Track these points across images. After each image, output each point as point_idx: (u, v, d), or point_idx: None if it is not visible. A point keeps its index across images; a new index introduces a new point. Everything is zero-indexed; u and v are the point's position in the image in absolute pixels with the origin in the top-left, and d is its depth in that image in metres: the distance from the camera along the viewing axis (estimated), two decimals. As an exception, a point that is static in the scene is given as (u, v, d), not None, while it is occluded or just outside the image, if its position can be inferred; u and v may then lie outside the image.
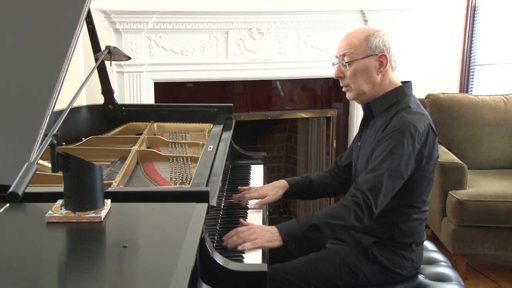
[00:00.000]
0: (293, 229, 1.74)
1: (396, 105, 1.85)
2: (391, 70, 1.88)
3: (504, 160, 3.38)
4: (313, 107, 3.68)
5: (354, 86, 1.88)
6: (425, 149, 1.79)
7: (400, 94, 1.88)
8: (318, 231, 1.73)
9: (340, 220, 1.72)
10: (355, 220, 1.72)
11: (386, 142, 1.77)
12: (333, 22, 3.35)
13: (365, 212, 1.72)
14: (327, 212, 1.77)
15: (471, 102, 3.42)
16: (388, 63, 1.85)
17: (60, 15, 1.70)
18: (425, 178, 1.84)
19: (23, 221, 1.29)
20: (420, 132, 1.77)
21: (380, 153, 1.78)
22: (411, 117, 1.78)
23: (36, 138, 1.37)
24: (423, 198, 1.87)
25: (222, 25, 3.23)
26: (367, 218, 1.73)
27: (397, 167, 1.74)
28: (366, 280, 1.86)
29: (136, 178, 1.85)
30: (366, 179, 1.76)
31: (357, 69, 1.85)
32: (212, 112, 2.49)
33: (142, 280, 1.00)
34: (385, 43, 1.84)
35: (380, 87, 1.87)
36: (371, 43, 1.83)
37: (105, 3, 3.00)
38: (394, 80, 1.89)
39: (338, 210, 1.74)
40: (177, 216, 1.28)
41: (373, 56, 1.84)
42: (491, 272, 3.13)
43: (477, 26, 3.73)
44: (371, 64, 1.84)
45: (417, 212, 1.87)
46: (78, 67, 3.05)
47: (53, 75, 1.50)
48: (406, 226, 1.86)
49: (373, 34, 1.85)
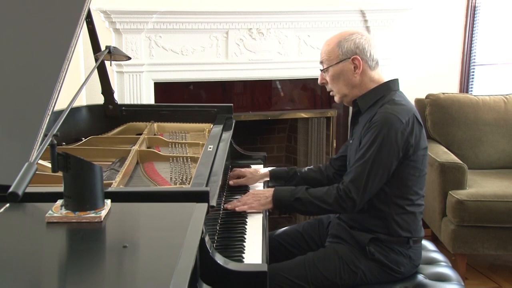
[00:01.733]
0: (283, 196, 1.92)
1: (381, 100, 1.90)
2: (369, 70, 1.92)
3: (504, 160, 3.38)
4: (313, 107, 3.68)
5: (336, 90, 1.98)
6: (411, 138, 1.82)
7: (385, 90, 1.92)
8: (303, 205, 1.89)
9: (324, 204, 1.87)
10: (338, 207, 1.86)
11: (369, 134, 1.83)
12: (333, 22, 3.35)
13: (347, 202, 1.83)
14: (316, 192, 1.90)
15: (471, 102, 3.42)
16: (364, 63, 1.90)
17: (60, 15, 1.70)
18: (415, 169, 1.87)
19: (23, 221, 1.29)
20: (403, 122, 1.81)
21: (363, 145, 1.84)
22: (392, 108, 1.83)
23: (36, 138, 1.37)
24: (416, 190, 1.89)
25: (222, 25, 3.23)
26: (350, 208, 1.84)
27: (379, 156, 1.80)
28: (365, 278, 1.86)
29: (136, 178, 1.85)
30: (350, 171, 1.87)
31: (333, 74, 1.94)
32: (212, 112, 2.49)
33: (142, 280, 1.00)
34: (358, 45, 1.89)
35: (361, 87, 1.94)
36: (343, 48, 1.90)
37: (105, 3, 3.00)
38: (376, 77, 1.94)
39: (325, 195, 1.87)
40: (177, 216, 1.28)
41: (346, 60, 1.90)
42: (491, 272, 3.13)
43: (477, 26, 3.73)
44: (346, 68, 1.91)
45: (410, 204, 1.89)
46: (78, 67, 3.05)
47: (53, 75, 1.50)
48: (401, 218, 1.88)
49: (345, 39, 1.91)
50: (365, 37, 1.92)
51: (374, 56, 1.92)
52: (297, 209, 1.91)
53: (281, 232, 2.15)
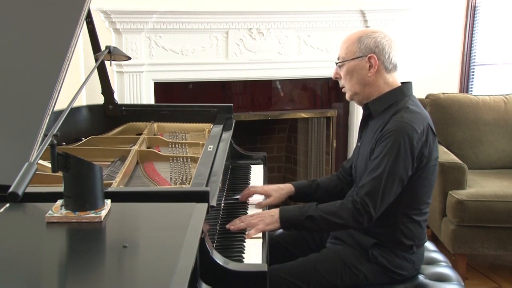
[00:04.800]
0: (292, 215, 1.80)
1: (395, 106, 1.84)
2: (385, 72, 1.86)
3: (504, 160, 3.38)
4: (313, 107, 3.68)
5: (348, 87, 1.90)
6: (425, 149, 1.78)
7: (398, 94, 1.86)
8: (315, 223, 1.78)
9: (338, 219, 1.77)
10: (353, 222, 1.76)
11: (383, 144, 1.77)
12: (333, 22, 3.35)
13: (364, 217, 1.75)
14: (328, 208, 1.80)
15: (471, 102, 3.41)
16: (380, 64, 1.84)
17: (60, 15, 1.70)
18: (426, 180, 1.83)
19: (23, 221, 1.29)
20: (418, 132, 1.75)
21: (377, 155, 1.77)
22: (408, 117, 1.77)
23: (36, 138, 1.37)
24: (425, 200, 1.86)
25: (222, 25, 3.23)
26: (366, 222, 1.76)
27: (395, 168, 1.73)
28: (366, 280, 1.85)
29: (136, 178, 1.85)
30: (364, 183, 1.77)
31: (348, 70, 1.87)
32: (212, 112, 2.49)
33: (142, 280, 1.00)
34: (377, 44, 1.83)
35: (373, 88, 1.87)
36: (362, 44, 1.84)
37: (105, 3, 3.00)
38: (391, 81, 1.87)
39: (339, 210, 1.77)
40: (177, 216, 1.28)
41: (363, 57, 1.84)
42: (491, 272, 3.13)
43: (477, 26, 3.73)
44: (361, 65, 1.85)
45: (418, 214, 1.86)
46: (78, 67, 3.05)
47: (53, 75, 1.50)
48: (407, 228, 1.85)
49: (367, 35, 1.85)
50: (387, 38, 1.85)
51: (393, 59, 1.85)
52: (308, 227, 1.80)
53: (281, 233, 2.14)
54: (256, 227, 1.74)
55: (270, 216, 1.79)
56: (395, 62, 1.86)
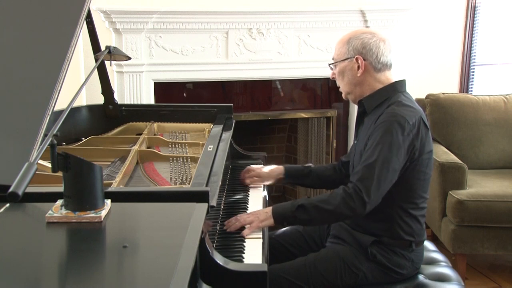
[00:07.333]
0: (284, 209, 1.83)
1: (388, 101, 1.87)
2: (374, 71, 1.88)
3: (504, 160, 3.38)
4: (313, 107, 3.68)
5: (341, 87, 1.97)
6: (416, 141, 1.80)
7: (391, 91, 1.90)
8: (306, 213, 1.79)
9: (328, 205, 1.78)
10: (345, 207, 1.75)
11: (375, 134, 1.80)
12: (333, 22, 3.35)
13: (356, 201, 1.74)
14: (319, 197, 1.85)
15: (471, 102, 3.42)
16: (368, 64, 1.87)
17: (60, 15, 1.70)
18: (420, 173, 1.84)
19: (23, 221, 1.29)
20: (410, 123, 1.78)
21: (370, 145, 1.81)
22: (399, 110, 1.81)
23: (36, 138, 1.37)
24: (421, 194, 1.87)
25: (222, 25, 3.23)
26: (359, 207, 1.75)
27: (387, 156, 1.76)
28: (366, 280, 1.86)
29: (136, 178, 1.85)
30: (357, 171, 1.80)
31: (340, 71, 1.93)
32: (212, 112, 2.49)
33: (142, 280, 1.00)
34: (365, 45, 1.86)
35: (364, 87, 1.91)
36: (350, 46, 1.89)
37: (105, 3, 3.00)
38: (383, 79, 1.90)
39: (329, 197, 1.80)
40: (177, 216, 1.28)
41: (351, 58, 1.88)
42: (491, 272, 3.13)
43: (477, 26, 3.73)
44: (350, 66, 1.90)
45: (414, 208, 1.87)
46: (78, 67, 3.05)
47: (53, 75, 1.50)
48: (404, 222, 1.86)
49: (355, 37, 1.89)
50: (375, 39, 1.87)
51: (382, 58, 1.86)
52: (300, 218, 1.80)
53: (281, 233, 2.15)
54: (251, 225, 1.77)
55: (264, 213, 1.83)
56: (385, 62, 1.89)
